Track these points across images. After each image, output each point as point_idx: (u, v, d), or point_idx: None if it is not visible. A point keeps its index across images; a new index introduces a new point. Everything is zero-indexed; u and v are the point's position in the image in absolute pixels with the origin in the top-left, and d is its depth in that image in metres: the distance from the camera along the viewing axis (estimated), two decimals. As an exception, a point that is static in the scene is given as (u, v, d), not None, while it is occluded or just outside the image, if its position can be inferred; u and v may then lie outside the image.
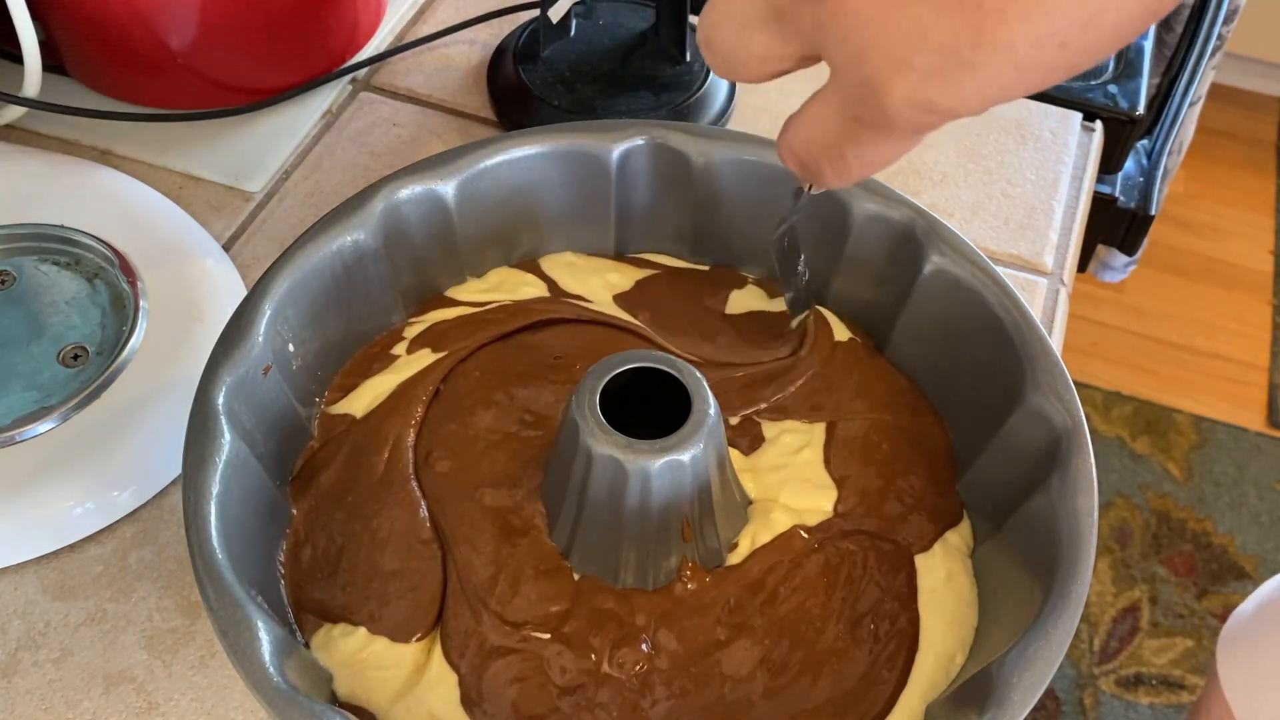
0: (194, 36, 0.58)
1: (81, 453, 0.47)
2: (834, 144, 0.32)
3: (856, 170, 0.32)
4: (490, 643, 0.38)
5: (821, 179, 0.33)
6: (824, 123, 0.32)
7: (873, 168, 0.32)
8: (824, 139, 0.32)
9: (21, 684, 0.43)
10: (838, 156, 0.32)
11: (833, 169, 0.32)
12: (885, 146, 0.31)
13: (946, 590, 0.40)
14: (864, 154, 0.31)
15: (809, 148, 0.33)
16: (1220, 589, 1.47)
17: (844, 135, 0.31)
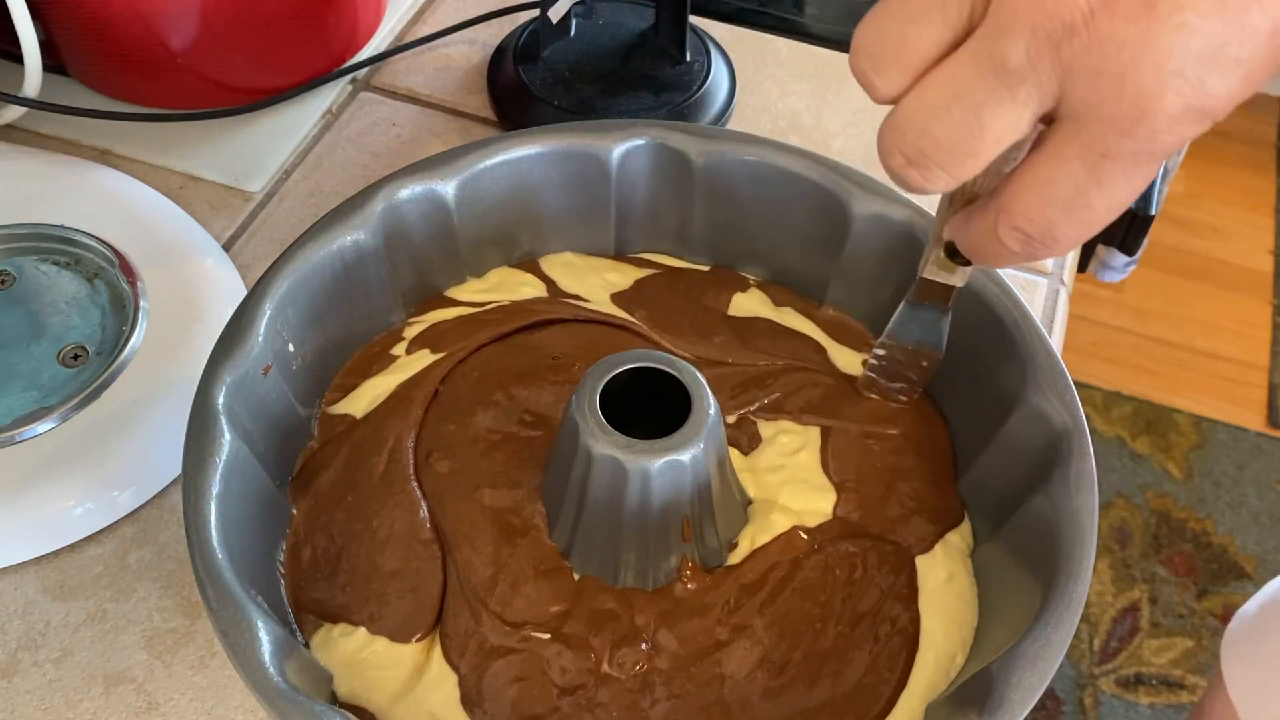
0: (194, 36, 0.58)
1: (81, 453, 0.47)
2: (1079, 196, 0.29)
3: (1103, 218, 0.29)
4: (490, 643, 0.38)
5: (1056, 244, 0.30)
6: (1067, 177, 0.29)
7: (1116, 211, 0.29)
8: (1067, 195, 0.29)
9: (21, 684, 0.43)
10: (1083, 208, 0.29)
11: (1075, 226, 0.29)
12: (1136, 179, 0.28)
13: (948, 590, 0.40)
14: (1114, 195, 0.29)
15: (1046, 213, 0.29)
16: (1220, 589, 1.47)
17: (1091, 181, 0.28)
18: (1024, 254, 0.31)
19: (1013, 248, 0.31)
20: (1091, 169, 0.28)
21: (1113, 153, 0.27)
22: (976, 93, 0.28)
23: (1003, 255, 0.31)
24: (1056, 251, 0.30)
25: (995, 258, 0.32)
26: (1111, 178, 0.28)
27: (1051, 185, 0.29)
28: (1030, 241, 0.30)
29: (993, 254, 0.32)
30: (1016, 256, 0.31)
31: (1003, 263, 0.32)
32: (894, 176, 0.30)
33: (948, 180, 0.30)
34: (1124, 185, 0.28)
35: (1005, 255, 0.31)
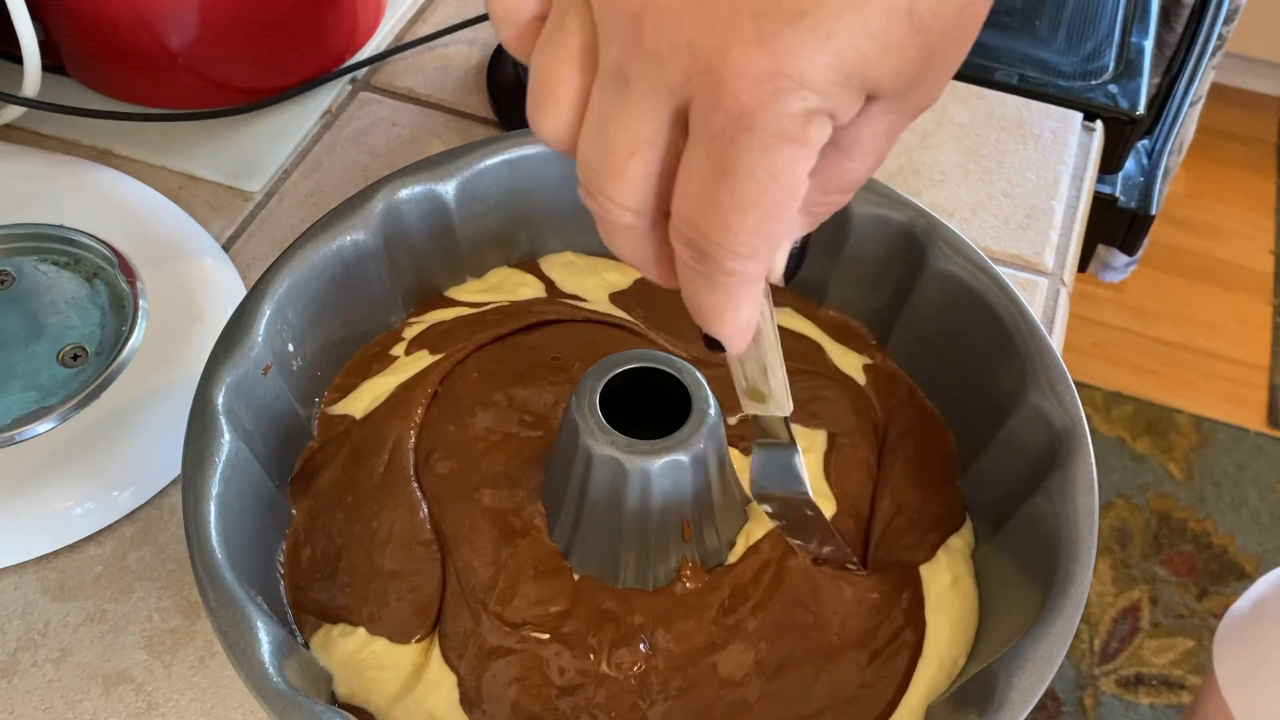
0: (193, 36, 0.58)
1: (81, 453, 0.47)
2: (708, 188, 0.25)
3: (747, 216, 0.25)
4: (489, 643, 0.38)
5: (718, 247, 0.26)
6: (691, 170, 0.26)
7: (761, 206, 0.25)
8: (696, 190, 0.26)
9: (21, 684, 0.43)
10: (715, 204, 0.25)
11: (719, 226, 0.26)
12: (764, 165, 0.25)
13: (953, 594, 0.40)
14: (743, 186, 0.25)
15: (687, 212, 0.26)
16: (1221, 589, 1.47)
17: (714, 171, 0.25)
18: (706, 271, 0.27)
19: (689, 262, 0.27)
20: (709, 155, 0.25)
21: (718, 133, 0.25)
22: (601, 107, 0.26)
23: (695, 283, 0.27)
24: (724, 260, 0.26)
25: (695, 292, 0.28)
26: (731, 165, 0.25)
27: (683, 181, 0.26)
28: (697, 251, 0.27)
29: (689, 288, 0.28)
30: (710, 283, 0.27)
31: (709, 299, 0.28)
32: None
33: (615, 208, 0.27)
34: (748, 176, 0.25)
35: (697, 282, 0.27)
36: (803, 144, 0.25)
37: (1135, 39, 0.73)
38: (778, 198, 0.25)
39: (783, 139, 0.24)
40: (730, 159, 0.25)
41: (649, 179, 0.27)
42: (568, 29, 0.27)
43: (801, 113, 0.24)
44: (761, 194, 0.25)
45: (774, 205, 0.25)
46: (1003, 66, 0.69)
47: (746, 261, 0.26)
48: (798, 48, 0.24)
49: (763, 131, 0.24)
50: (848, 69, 0.24)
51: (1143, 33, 0.74)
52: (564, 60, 0.27)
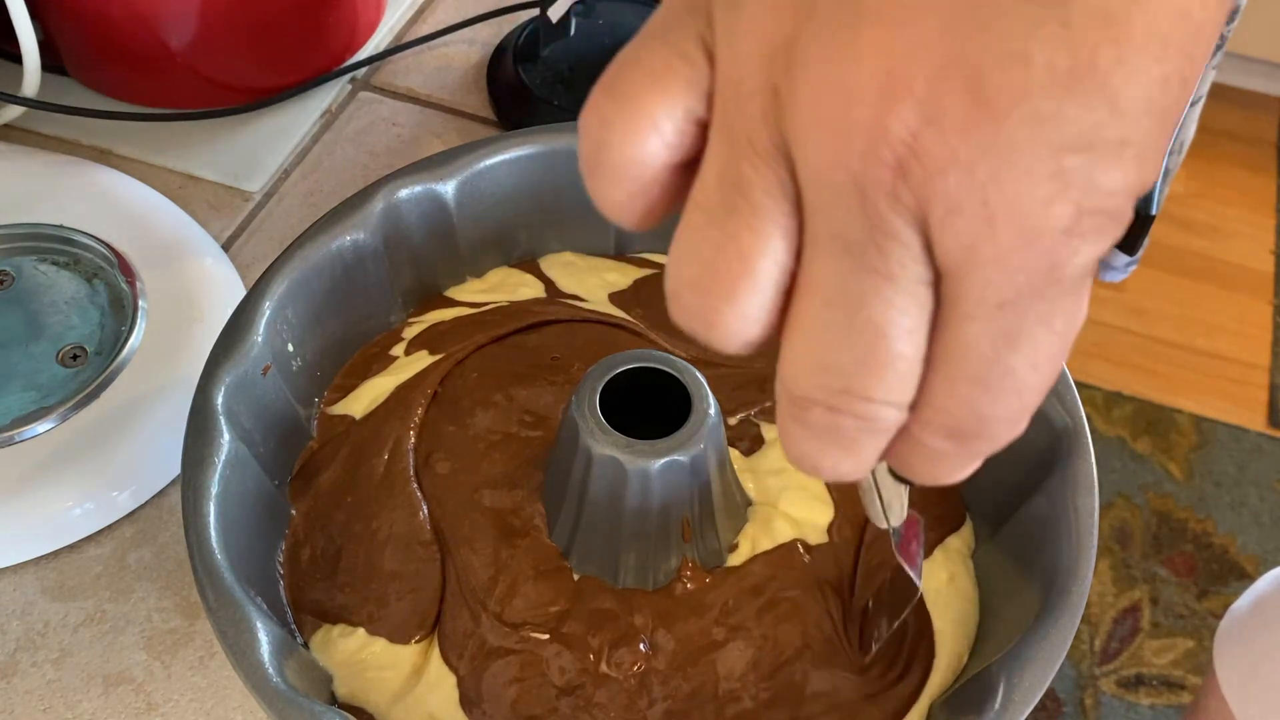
0: (193, 36, 0.58)
1: (81, 453, 0.47)
2: (993, 365, 0.21)
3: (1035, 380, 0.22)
4: (489, 644, 0.38)
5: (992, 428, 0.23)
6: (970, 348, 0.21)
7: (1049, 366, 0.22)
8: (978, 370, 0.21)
9: (20, 685, 0.43)
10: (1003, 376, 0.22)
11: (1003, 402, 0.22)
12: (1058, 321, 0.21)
13: (950, 591, 0.40)
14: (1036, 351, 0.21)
15: (964, 397, 0.22)
16: (1221, 589, 1.47)
17: (1001, 343, 0.21)
18: (965, 454, 0.24)
19: (946, 451, 0.24)
20: (995, 328, 0.21)
21: (1011, 300, 0.20)
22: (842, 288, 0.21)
23: (943, 465, 0.24)
24: (1000, 438, 0.24)
25: (937, 474, 0.25)
26: (1024, 330, 0.21)
27: (956, 363, 0.21)
28: (963, 437, 0.23)
29: (931, 470, 0.25)
30: (960, 460, 0.24)
31: (952, 475, 0.25)
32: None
33: (880, 409, 0.22)
34: (1045, 334, 0.21)
35: (947, 463, 0.24)
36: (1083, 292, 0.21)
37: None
38: (1065, 354, 0.21)
39: (1086, 279, 0.20)
40: (1026, 323, 0.20)
41: (917, 364, 0.22)
42: (760, 188, 0.21)
43: (1101, 250, 0.20)
44: (1060, 353, 0.21)
45: (1060, 362, 0.22)
46: (1003, 66, 0.69)
47: (1014, 431, 0.23)
48: (1119, 183, 0.19)
49: (1072, 281, 0.20)
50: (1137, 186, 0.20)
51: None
52: (758, 232, 0.21)
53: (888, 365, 0.21)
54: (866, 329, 0.21)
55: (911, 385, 0.22)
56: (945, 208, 0.19)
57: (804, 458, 0.23)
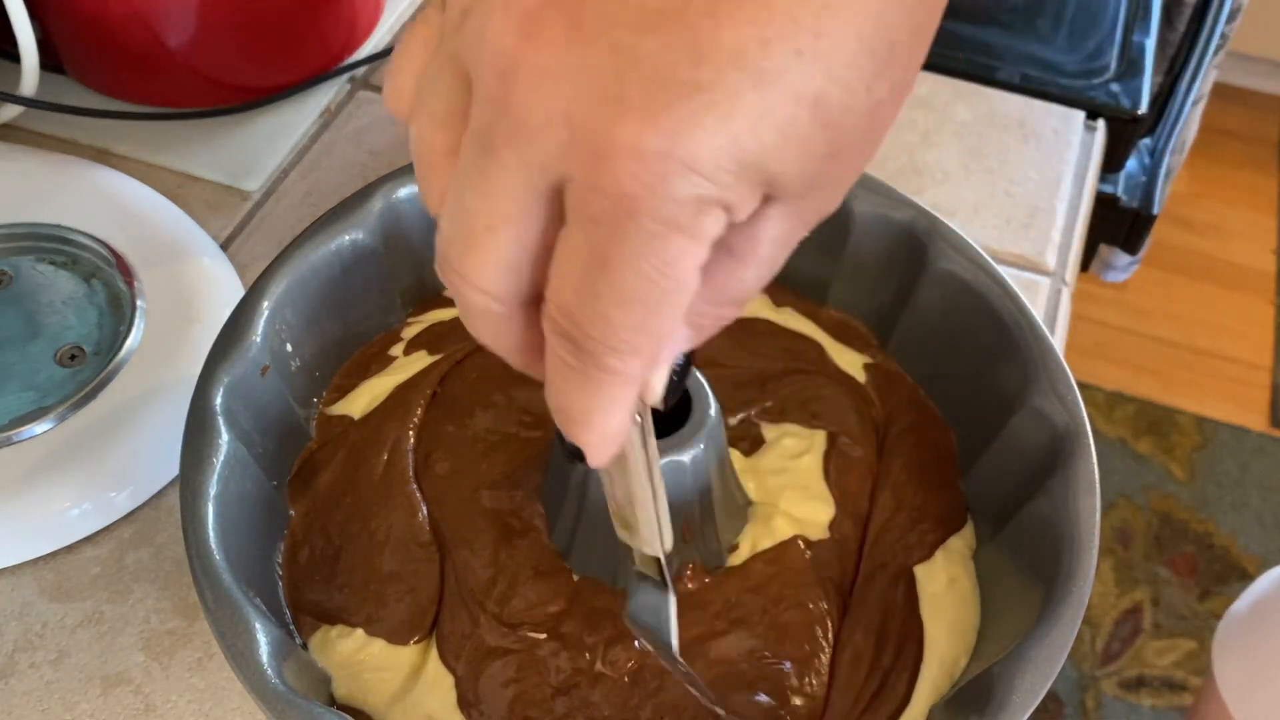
0: (191, 35, 0.58)
1: (79, 453, 0.47)
2: (587, 277, 0.22)
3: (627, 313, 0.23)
4: (487, 644, 0.38)
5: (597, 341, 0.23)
6: (570, 255, 0.23)
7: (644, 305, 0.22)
8: (576, 277, 0.23)
9: (19, 686, 0.43)
10: (594, 296, 0.23)
11: (599, 321, 0.23)
12: (649, 258, 0.22)
13: (949, 595, 0.40)
14: (622, 281, 0.22)
15: (564, 299, 0.23)
16: (1223, 590, 1.47)
17: (594, 260, 0.22)
18: (580, 367, 0.24)
19: (563, 356, 0.24)
20: (590, 242, 0.22)
21: (599, 219, 0.22)
22: (463, 174, 0.24)
23: (566, 379, 0.24)
24: (601, 360, 0.23)
25: (564, 391, 0.24)
26: (613, 257, 0.22)
27: (559, 267, 0.23)
28: (573, 344, 0.23)
29: (559, 384, 0.24)
30: (583, 380, 0.24)
31: (579, 400, 0.24)
32: None
33: (469, 289, 0.24)
34: (632, 271, 0.22)
35: (569, 378, 0.24)
36: (693, 236, 0.22)
37: (1137, 37, 0.73)
38: (665, 293, 0.22)
39: (671, 228, 0.22)
40: (612, 247, 0.22)
41: (511, 261, 0.24)
42: (437, 92, 0.24)
43: (693, 200, 0.21)
44: (647, 288, 0.22)
45: (660, 301, 0.23)
46: (1004, 65, 0.69)
47: (626, 360, 0.23)
48: (692, 127, 0.21)
49: (650, 219, 0.22)
50: (746, 157, 0.21)
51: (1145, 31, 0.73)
52: (435, 124, 0.24)
53: (475, 248, 0.24)
54: (465, 210, 0.23)
55: (499, 276, 0.24)
56: (542, 117, 0.22)
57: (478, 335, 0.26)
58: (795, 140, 0.22)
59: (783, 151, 0.22)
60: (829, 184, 0.24)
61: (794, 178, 0.22)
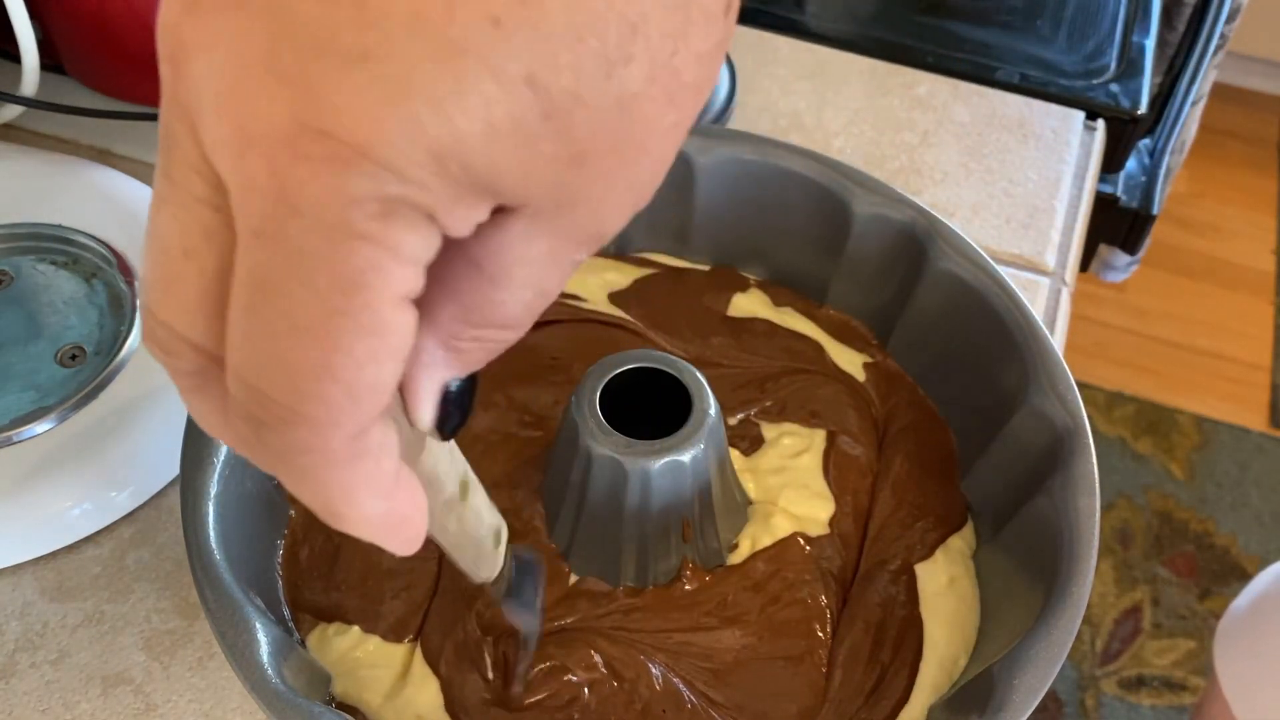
0: (193, 35, 0.58)
1: (79, 453, 0.47)
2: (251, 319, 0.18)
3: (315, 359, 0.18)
4: (468, 646, 0.38)
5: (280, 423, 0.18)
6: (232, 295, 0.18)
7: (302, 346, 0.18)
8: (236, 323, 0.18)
9: (19, 685, 0.43)
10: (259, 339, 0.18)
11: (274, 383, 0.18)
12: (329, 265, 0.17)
13: (949, 594, 0.40)
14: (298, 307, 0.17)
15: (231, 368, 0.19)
16: (1222, 590, 1.47)
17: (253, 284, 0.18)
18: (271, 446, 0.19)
19: (249, 438, 0.19)
20: (252, 265, 0.18)
21: (261, 231, 0.17)
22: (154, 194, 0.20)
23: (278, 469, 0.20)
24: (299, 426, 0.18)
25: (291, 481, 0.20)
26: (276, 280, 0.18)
27: (233, 299, 0.18)
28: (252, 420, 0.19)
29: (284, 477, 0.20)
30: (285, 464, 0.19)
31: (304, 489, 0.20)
32: None
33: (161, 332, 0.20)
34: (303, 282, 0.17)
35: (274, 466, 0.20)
36: (382, 246, 0.17)
37: (1137, 38, 0.73)
38: (351, 321, 0.17)
39: (349, 235, 0.17)
40: (275, 264, 0.17)
41: (194, 298, 0.19)
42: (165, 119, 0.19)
43: (374, 198, 0.17)
44: (325, 315, 0.17)
45: (345, 332, 0.17)
46: (1004, 65, 0.69)
47: (320, 427, 0.18)
48: (357, 101, 0.16)
49: (317, 221, 0.17)
50: (438, 147, 0.17)
51: (1144, 32, 0.73)
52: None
53: (166, 283, 0.19)
54: (154, 235, 0.19)
55: (194, 317, 0.19)
56: (199, 100, 0.17)
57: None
58: (508, 133, 0.17)
59: (492, 146, 0.17)
60: (587, 197, 0.19)
61: (522, 183, 0.18)
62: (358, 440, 0.19)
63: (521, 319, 0.21)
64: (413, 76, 0.16)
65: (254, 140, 0.17)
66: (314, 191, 0.17)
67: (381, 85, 0.16)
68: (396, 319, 0.18)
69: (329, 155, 0.17)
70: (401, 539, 0.21)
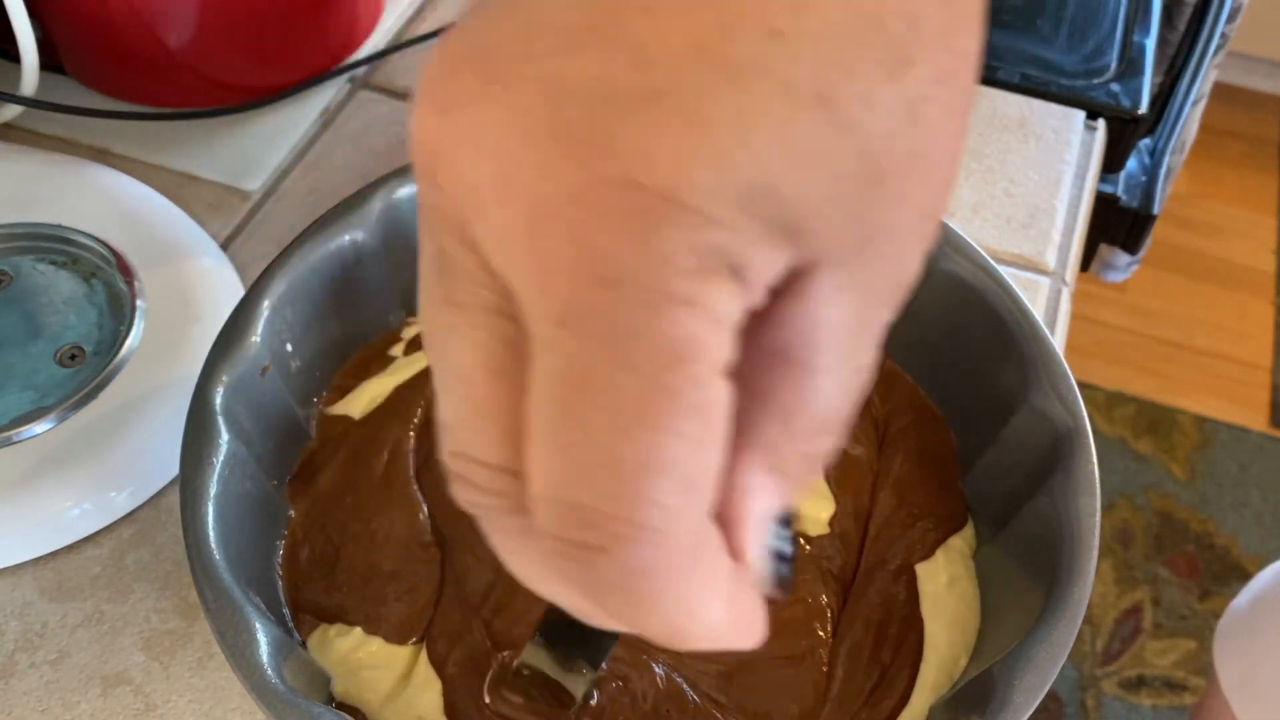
0: (191, 35, 0.58)
1: (79, 453, 0.47)
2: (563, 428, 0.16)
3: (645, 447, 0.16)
4: (476, 651, 0.38)
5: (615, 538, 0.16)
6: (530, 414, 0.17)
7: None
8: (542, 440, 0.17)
9: (19, 685, 0.43)
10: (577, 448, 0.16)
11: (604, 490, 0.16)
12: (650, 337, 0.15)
13: (949, 595, 0.40)
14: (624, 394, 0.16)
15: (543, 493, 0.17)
16: (1223, 590, 1.47)
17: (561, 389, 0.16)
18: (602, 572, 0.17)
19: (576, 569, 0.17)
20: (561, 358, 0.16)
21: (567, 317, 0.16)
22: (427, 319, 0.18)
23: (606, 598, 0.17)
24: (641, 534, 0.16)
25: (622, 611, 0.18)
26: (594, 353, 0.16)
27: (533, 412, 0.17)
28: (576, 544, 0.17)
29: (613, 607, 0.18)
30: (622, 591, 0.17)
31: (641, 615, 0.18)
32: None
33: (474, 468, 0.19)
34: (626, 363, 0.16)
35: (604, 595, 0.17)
36: (700, 306, 0.15)
37: (1137, 37, 0.73)
38: (681, 398, 0.15)
39: (667, 298, 0.15)
40: (586, 349, 0.15)
41: (502, 429, 0.18)
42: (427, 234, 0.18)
43: (688, 252, 0.15)
44: (650, 398, 0.15)
45: (675, 414, 0.16)
46: (1004, 65, 0.69)
47: (661, 534, 0.16)
48: (657, 141, 0.15)
49: (631, 288, 0.15)
50: (745, 180, 0.15)
51: (1145, 31, 0.73)
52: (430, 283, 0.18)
53: (473, 414, 0.17)
54: (450, 369, 0.17)
55: (509, 445, 0.17)
56: (473, 200, 0.16)
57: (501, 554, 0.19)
58: (807, 153, 0.15)
59: (795, 170, 0.15)
60: (888, 232, 0.17)
61: (826, 214, 0.16)
62: (698, 543, 0.17)
63: (843, 409, 0.18)
64: (707, 106, 0.15)
65: (549, 209, 0.15)
66: (625, 254, 0.15)
67: (679, 120, 0.15)
68: (722, 393, 0.16)
69: (637, 208, 0.15)
70: (752, 638, 0.18)
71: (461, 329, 0.17)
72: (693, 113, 0.15)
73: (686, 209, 0.15)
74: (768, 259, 0.16)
